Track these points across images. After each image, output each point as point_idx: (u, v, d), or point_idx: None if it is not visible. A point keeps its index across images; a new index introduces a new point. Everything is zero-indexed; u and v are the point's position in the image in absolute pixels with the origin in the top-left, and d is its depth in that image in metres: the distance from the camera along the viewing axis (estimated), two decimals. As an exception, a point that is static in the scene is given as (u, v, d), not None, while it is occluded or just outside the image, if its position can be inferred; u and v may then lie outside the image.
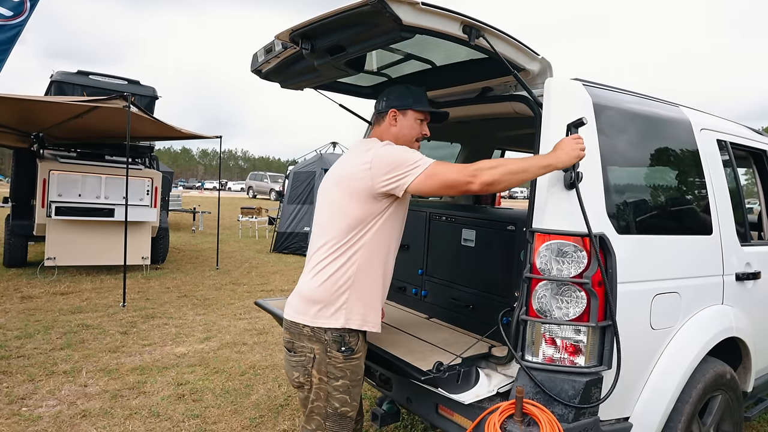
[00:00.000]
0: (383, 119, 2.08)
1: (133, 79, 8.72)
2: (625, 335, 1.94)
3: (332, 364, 1.88)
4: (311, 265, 1.96)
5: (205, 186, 59.84)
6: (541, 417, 1.77)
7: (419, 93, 2.09)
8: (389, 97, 2.08)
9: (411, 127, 2.06)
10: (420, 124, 2.08)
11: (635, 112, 2.24)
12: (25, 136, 7.73)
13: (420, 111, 2.06)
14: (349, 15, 1.63)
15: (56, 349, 4.42)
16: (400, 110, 2.04)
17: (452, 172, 1.78)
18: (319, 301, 1.89)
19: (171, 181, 13.85)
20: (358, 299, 1.89)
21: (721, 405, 2.41)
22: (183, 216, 17.88)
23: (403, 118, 2.05)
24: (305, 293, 1.93)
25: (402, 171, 1.82)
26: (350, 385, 1.92)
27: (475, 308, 2.49)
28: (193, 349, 4.61)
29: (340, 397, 1.91)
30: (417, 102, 2.06)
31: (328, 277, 1.89)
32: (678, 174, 2.46)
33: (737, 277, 2.52)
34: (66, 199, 7.18)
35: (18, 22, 4.20)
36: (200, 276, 7.95)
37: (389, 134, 2.05)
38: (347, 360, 1.89)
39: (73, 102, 5.98)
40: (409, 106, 2.04)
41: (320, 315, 1.88)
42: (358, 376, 1.94)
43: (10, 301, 5.87)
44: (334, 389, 1.90)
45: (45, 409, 3.35)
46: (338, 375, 1.89)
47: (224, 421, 3.28)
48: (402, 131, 2.05)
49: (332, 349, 1.88)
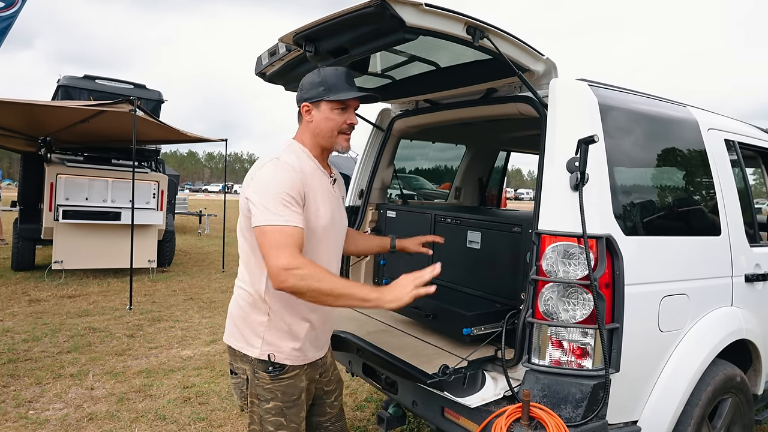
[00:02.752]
0: (301, 115, 1.82)
1: (139, 83, 8.77)
2: (633, 338, 1.92)
3: (260, 386, 1.74)
4: (236, 282, 1.85)
5: (209, 189, 59.95)
6: (548, 420, 1.75)
7: (333, 77, 1.75)
8: (301, 89, 1.80)
9: (327, 119, 1.75)
10: (340, 113, 1.76)
11: (641, 112, 2.22)
12: (33, 140, 7.79)
13: (332, 100, 1.74)
14: (352, 17, 1.63)
15: (63, 352, 4.44)
16: (312, 102, 1.76)
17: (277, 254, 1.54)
18: (238, 326, 1.79)
19: (177, 184, 13.91)
20: (275, 326, 1.75)
21: (731, 408, 2.38)
22: (189, 219, 17.95)
23: (317, 110, 1.76)
24: (230, 314, 1.84)
25: (260, 205, 1.60)
26: (283, 407, 1.74)
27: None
28: (199, 352, 4.61)
29: (274, 419, 1.74)
30: (330, 90, 1.73)
31: (243, 303, 1.78)
32: (685, 174, 2.43)
33: (746, 278, 2.49)
34: (73, 202, 7.23)
35: (10, 13, 4.18)
36: (206, 279, 7.97)
37: (308, 130, 1.79)
38: (275, 380, 1.73)
39: (79, 106, 6.02)
40: (321, 97, 1.74)
41: (242, 341, 1.77)
42: (292, 396, 1.76)
43: (18, 305, 5.91)
44: (266, 412, 1.74)
45: (52, 412, 3.36)
46: (267, 397, 1.74)
47: (230, 424, 3.28)
48: (318, 125, 1.76)
49: (259, 370, 1.74)
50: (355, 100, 1.78)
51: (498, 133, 3.78)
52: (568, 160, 1.89)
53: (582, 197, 1.83)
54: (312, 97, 1.76)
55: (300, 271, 1.53)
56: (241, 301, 1.79)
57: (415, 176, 5.05)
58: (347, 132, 1.80)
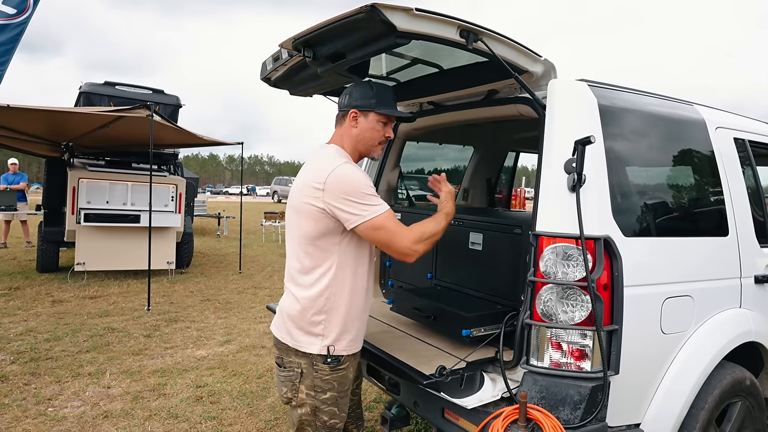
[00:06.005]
0: (344, 119, 1.96)
1: (157, 89, 8.96)
2: (634, 340, 1.91)
3: (319, 377, 1.86)
4: (288, 284, 1.96)
5: (229, 192, 60.75)
6: (545, 422, 1.75)
7: (384, 92, 1.94)
8: (351, 95, 1.94)
9: (373, 129, 1.93)
10: (383, 126, 1.95)
11: (644, 112, 2.19)
12: (56, 145, 8.03)
13: (382, 114, 1.93)
14: (345, 23, 1.65)
15: (83, 351, 4.57)
16: (361, 111, 1.92)
17: (400, 236, 1.81)
18: (296, 322, 1.89)
19: (196, 187, 14.15)
20: (334, 324, 1.87)
21: (740, 412, 2.33)
22: (209, 221, 18.22)
23: (365, 119, 1.92)
24: (285, 312, 1.94)
25: (355, 205, 1.77)
26: (338, 397, 1.90)
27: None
28: (213, 352, 4.69)
29: (329, 410, 1.88)
30: (380, 103, 1.91)
31: (303, 300, 1.87)
32: (690, 174, 2.40)
33: (756, 279, 2.44)
34: (94, 205, 7.42)
35: (22, 20, 4.30)
36: (223, 280, 8.10)
37: (349, 136, 1.95)
38: (333, 371, 1.87)
39: (99, 112, 6.18)
40: (372, 108, 1.91)
41: (299, 338, 1.88)
42: (345, 387, 1.92)
43: (42, 305, 6.10)
44: (323, 402, 1.87)
45: (70, 409, 3.47)
46: (326, 388, 1.87)
47: (240, 423, 3.33)
48: (363, 134, 1.94)
49: (318, 362, 1.86)
50: (394, 117, 1.99)
51: (505, 134, 3.77)
52: (565, 162, 1.89)
53: (579, 198, 1.82)
54: (362, 106, 1.92)
55: (422, 236, 1.84)
56: (299, 299, 1.88)
57: (428, 177, 5.05)
58: (384, 143, 2.01)
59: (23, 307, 5.96)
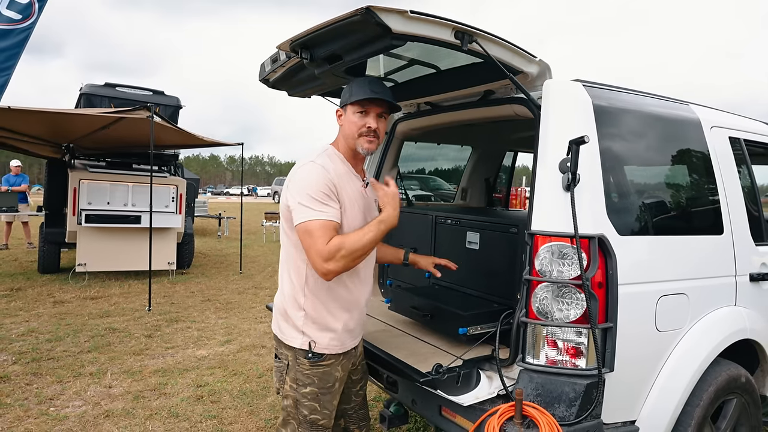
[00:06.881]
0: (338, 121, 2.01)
1: (157, 90, 8.98)
2: (629, 337, 1.92)
3: (300, 371, 1.91)
4: (280, 278, 2.02)
5: (230, 192, 60.83)
6: (540, 419, 1.77)
7: (358, 85, 1.90)
8: (340, 98, 2.00)
9: (351, 122, 1.91)
10: (361, 116, 1.89)
11: (639, 111, 2.21)
12: (57, 147, 8.06)
13: (354, 103, 1.88)
14: (341, 25, 1.67)
15: (84, 351, 4.60)
16: (342, 108, 1.97)
17: (314, 250, 1.72)
18: (284, 316, 1.96)
19: (197, 188, 14.17)
20: (313, 321, 1.90)
21: (736, 409, 2.35)
22: (209, 222, 18.26)
23: (345, 115, 1.94)
24: (275, 305, 2.03)
25: (299, 204, 1.78)
26: (319, 393, 1.91)
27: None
28: (214, 352, 4.72)
29: (309, 404, 1.91)
30: (352, 95, 1.89)
31: (286, 294, 1.94)
32: (685, 173, 2.41)
33: (751, 277, 2.46)
34: (95, 207, 7.45)
35: (27, 25, 4.33)
36: (224, 280, 8.12)
37: (340, 134, 1.99)
38: (314, 367, 1.90)
39: (100, 114, 6.21)
40: (347, 102, 1.91)
41: (285, 331, 1.95)
42: (328, 384, 1.93)
43: (43, 306, 6.12)
44: (303, 396, 1.91)
45: (71, 409, 3.49)
46: (306, 382, 1.90)
47: (240, 422, 3.36)
48: (344, 128, 1.94)
49: (300, 356, 1.91)
50: (376, 106, 1.89)
51: (502, 134, 3.79)
52: (560, 161, 1.91)
53: (573, 198, 1.84)
54: (342, 103, 1.96)
55: (335, 253, 1.71)
56: (285, 295, 1.95)
57: (433, 177, 5.08)
58: (366, 134, 1.90)
59: (25, 308, 5.99)
